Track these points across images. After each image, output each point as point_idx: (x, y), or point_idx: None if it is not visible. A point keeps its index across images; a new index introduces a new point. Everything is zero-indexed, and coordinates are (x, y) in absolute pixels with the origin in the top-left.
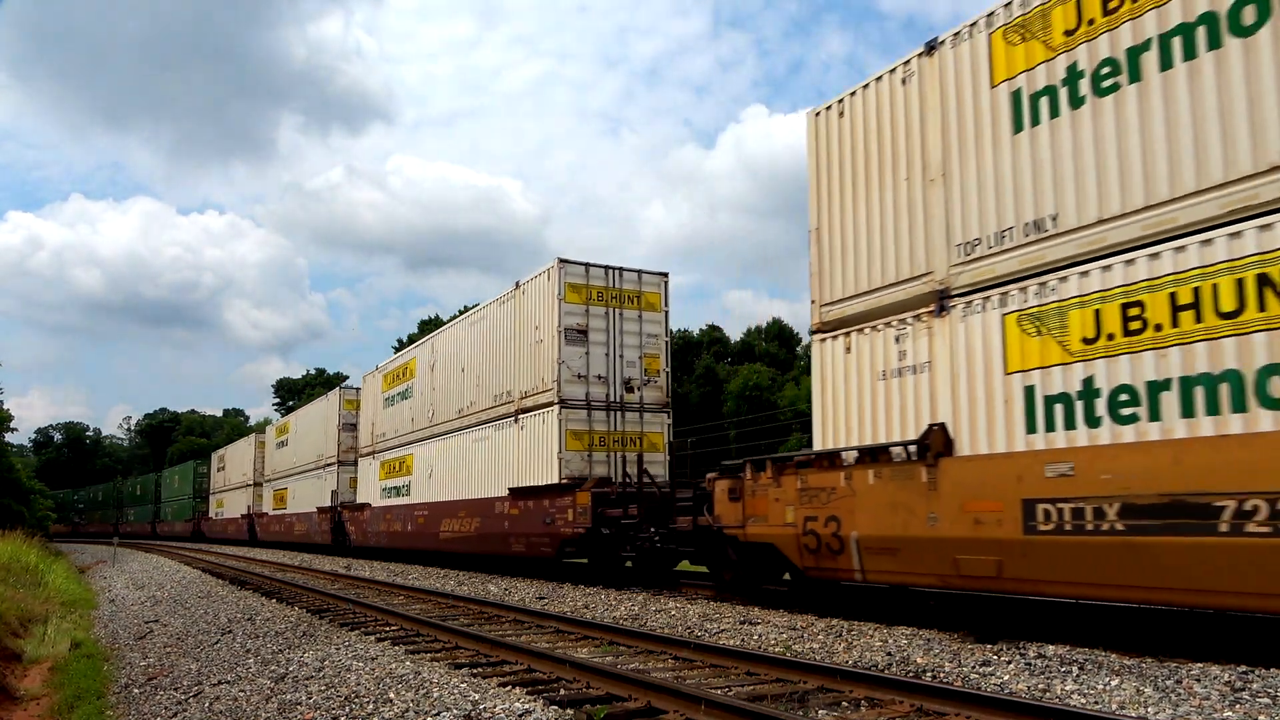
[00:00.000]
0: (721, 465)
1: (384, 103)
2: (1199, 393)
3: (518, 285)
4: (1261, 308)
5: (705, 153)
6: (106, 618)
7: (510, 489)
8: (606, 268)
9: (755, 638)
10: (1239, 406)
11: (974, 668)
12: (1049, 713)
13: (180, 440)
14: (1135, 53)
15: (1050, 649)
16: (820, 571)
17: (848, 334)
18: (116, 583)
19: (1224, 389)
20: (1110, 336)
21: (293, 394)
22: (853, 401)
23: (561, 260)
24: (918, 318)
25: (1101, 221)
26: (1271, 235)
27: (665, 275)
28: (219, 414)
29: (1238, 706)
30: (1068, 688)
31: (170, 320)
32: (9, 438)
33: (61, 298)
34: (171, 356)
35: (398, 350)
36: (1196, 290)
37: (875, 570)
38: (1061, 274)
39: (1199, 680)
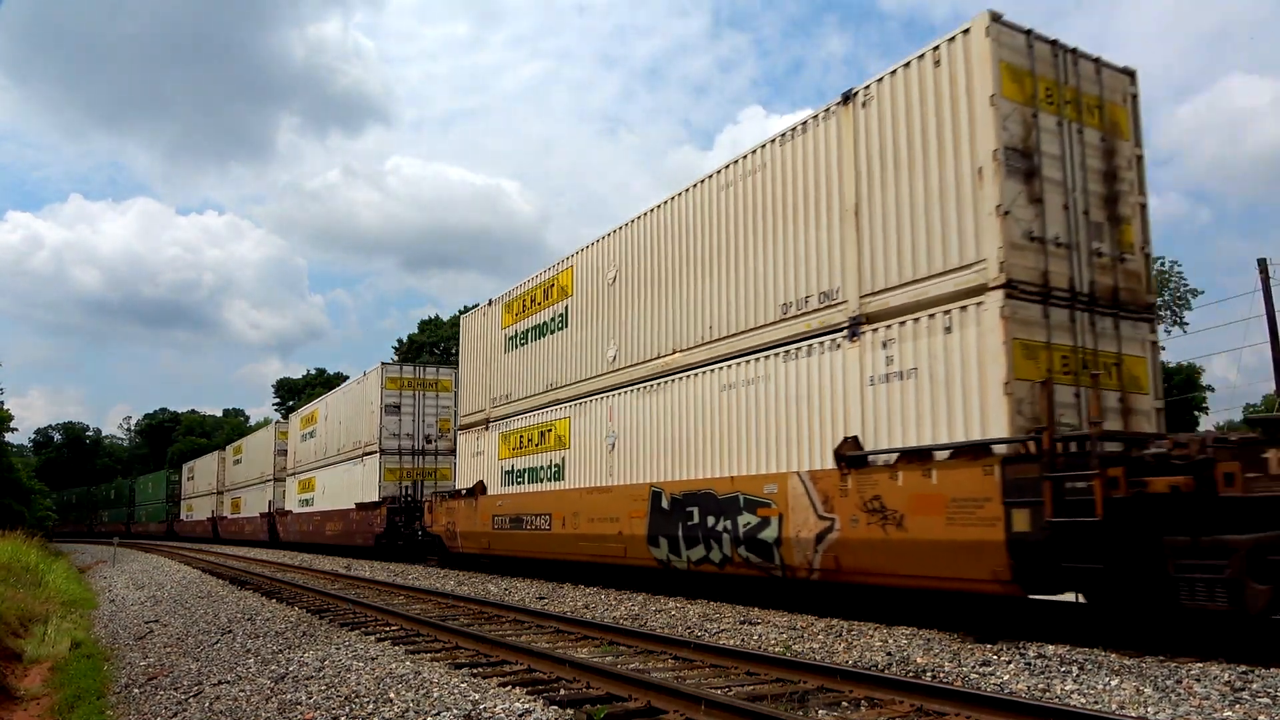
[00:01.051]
0: (433, 494)
1: (383, 103)
2: (534, 473)
3: (365, 374)
4: (541, 443)
5: (703, 153)
6: (107, 618)
7: (356, 504)
8: (415, 365)
9: (755, 638)
10: (544, 480)
11: (974, 668)
12: (1049, 713)
13: (180, 440)
14: (527, 332)
15: (1050, 649)
16: (452, 548)
17: (466, 432)
18: (117, 583)
19: (539, 472)
20: (519, 447)
21: (293, 394)
22: (467, 467)
23: (383, 364)
24: (480, 430)
25: (523, 399)
26: (545, 415)
27: (455, 369)
28: (219, 414)
29: (1238, 706)
30: (1068, 687)
31: (170, 320)
32: (9, 438)
33: (61, 297)
34: (171, 356)
35: (397, 350)
36: (533, 434)
37: (465, 547)
38: (514, 419)
39: (1199, 680)
